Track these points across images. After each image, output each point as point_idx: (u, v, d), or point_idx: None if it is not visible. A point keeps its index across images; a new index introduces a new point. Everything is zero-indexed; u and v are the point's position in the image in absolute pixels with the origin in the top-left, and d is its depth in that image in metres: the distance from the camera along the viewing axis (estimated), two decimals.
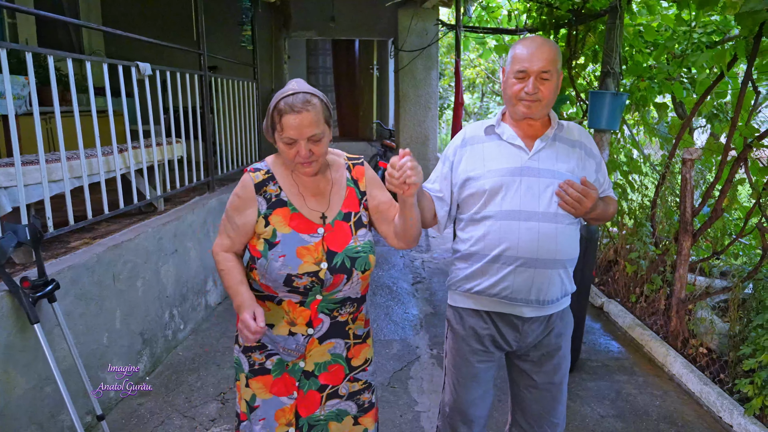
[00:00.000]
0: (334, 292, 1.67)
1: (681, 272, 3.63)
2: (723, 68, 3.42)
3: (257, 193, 1.67)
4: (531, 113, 1.81)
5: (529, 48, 1.78)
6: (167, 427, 2.83)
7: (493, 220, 1.79)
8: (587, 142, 1.92)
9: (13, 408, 2.25)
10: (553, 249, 1.77)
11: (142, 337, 3.22)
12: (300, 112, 1.53)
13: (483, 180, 1.82)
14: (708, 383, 3.17)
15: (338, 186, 1.74)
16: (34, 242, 2.35)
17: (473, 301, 1.90)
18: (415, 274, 5.30)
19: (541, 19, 5.18)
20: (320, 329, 1.71)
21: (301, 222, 1.66)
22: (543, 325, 1.89)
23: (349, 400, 1.83)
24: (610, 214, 1.98)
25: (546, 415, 1.98)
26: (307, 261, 1.61)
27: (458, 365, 1.97)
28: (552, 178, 1.78)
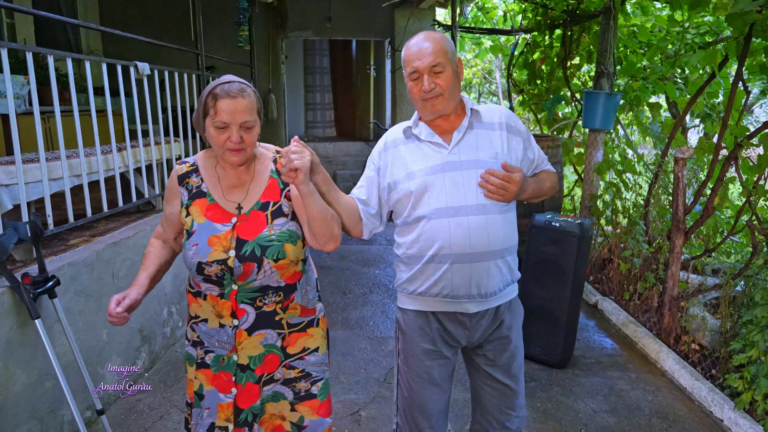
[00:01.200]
0: (249, 281, 1.68)
1: (673, 270, 3.68)
2: (714, 68, 3.47)
3: (180, 184, 1.74)
4: (437, 110, 1.79)
5: (413, 47, 1.78)
6: (166, 422, 2.86)
7: (424, 221, 1.79)
8: (510, 121, 1.90)
9: (13, 403, 2.28)
10: (485, 241, 1.77)
11: (140, 334, 3.26)
12: (235, 97, 1.58)
13: (407, 183, 1.81)
14: (699, 378, 3.22)
15: (259, 177, 1.76)
16: (34, 239, 2.38)
17: (418, 303, 1.89)
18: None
19: (536, 19, 5.24)
20: (245, 320, 1.73)
21: (216, 212, 1.70)
22: (490, 318, 1.89)
23: (285, 385, 1.84)
24: (548, 189, 1.96)
25: (505, 409, 1.98)
26: (216, 249, 1.64)
27: (411, 365, 1.95)
28: (475, 168, 1.78)
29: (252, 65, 5.76)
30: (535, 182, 1.89)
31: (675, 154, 3.55)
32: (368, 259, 5.66)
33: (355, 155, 8.33)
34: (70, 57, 2.81)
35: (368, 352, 3.69)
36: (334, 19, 7.04)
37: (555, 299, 3.49)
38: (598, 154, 4.91)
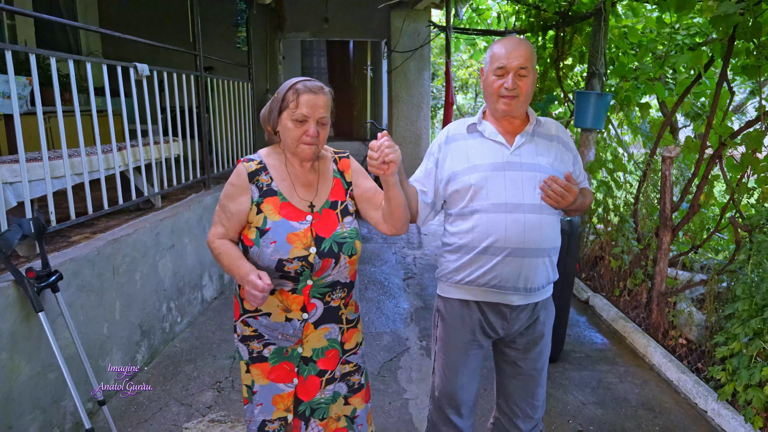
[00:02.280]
0: (324, 277, 1.78)
1: (661, 266, 3.77)
2: (700, 70, 3.56)
3: (250, 181, 1.78)
4: (510, 110, 1.91)
5: (507, 47, 1.89)
6: (165, 413, 2.94)
7: (481, 214, 1.89)
8: (564, 136, 2.04)
9: (18, 393, 2.36)
10: (538, 239, 1.88)
11: (140, 328, 3.33)
12: (317, 93, 1.69)
13: (468, 176, 1.92)
14: (685, 372, 3.31)
15: (325, 177, 1.86)
16: (37, 235, 2.46)
17: (463, 292, 2.00)
18: (406, 270, 5.42)
19: (529, 21, 5.32)
20: (314, 314, 1.82)
21: (290, 210, 1.76)
22: (529, 313, 2.00)
23: (341, 381, 1.95)
24: (587, 205, 2.08)
25: (529, 399, 2.10)
26: (296, 246, 1.72)
27: (448, 352, 2.07)
28: (534, 171, 1.89)
29: (250, 66, 5.84)
30: (582, 197, 1.99)
31: (662, 153, 3.63)
32: (364, 257, 5.74)
33: (353, 154, 8.41)
34: (71, 58, 2.88)
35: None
36: (331, 20, 7.12)
37: None
38: (590, 153, 4.99)
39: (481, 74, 2.06)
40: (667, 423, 2.98)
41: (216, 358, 3.55)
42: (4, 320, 2.27)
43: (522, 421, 2.13)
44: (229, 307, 4.40)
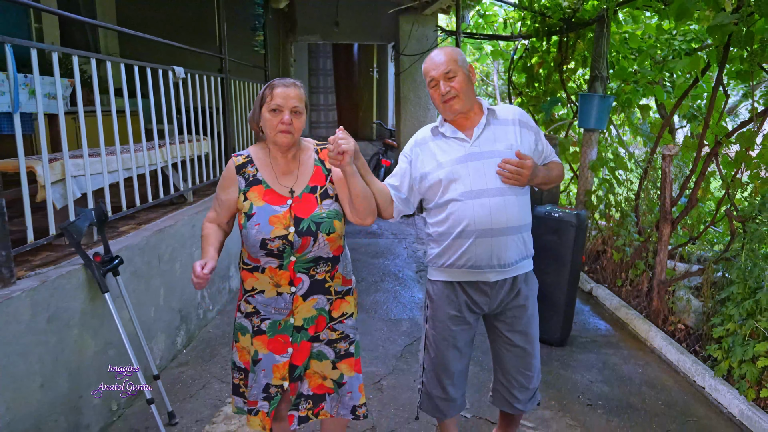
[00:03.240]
0: (305, 253, 2.02)
1: (661, 257, 4.05)
2: (697, 74, 3.84)
3: (237, 173, 2.05)
4: (456, 110, 2.15)
5: (430, 61, 2.16)
6: (208, 390, 3.19)
7: (453, 204, 2.13)
8: (523, 118, 2.26)
9: (86, 367, 2.61)
10: (504, 219, 2.11)
11: (180, 314, 3.58)
12: (288, 86, 1.98)
13: (437, 172, 2.16)
14: (684, 353, 3.58)
15: (305, 166, 2.10)
16: (99, 223, 2.72)
17: (446, 275, 2.24)
18: (418, 263, 5.69)
19: (535, 26, 5.59)
20: (302, 287, 2.06)
21: (273, 196, 2.02)
22: (508, 287, 2.23)
23: (328, 345, 2.17)
24: (555, 177, 2.32)
25: (523, 370, 2.33)
26: (277, 227, 1.97)
27: (438, 329, 2.31)
28: (493, 157, 2.12)
29: (266, 68, 6.09)
30: (545, 170, 2.24)
31: (662, 151, 3.91)
32: (377, 252, 6.00)
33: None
34: (123, 62, 3.13)
35: (384, 332, 4.03)
36: (341, 23, 7.38)
37: (554, 284, 3.83)
38: (593, 152, 5.27)
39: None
40: (669, 398, 3.25)
41: None
42: (75, 299, 2.52)
43: (518, 391, 2.36)
44: None
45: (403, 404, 3.10)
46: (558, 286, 3.83)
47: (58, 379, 2.40)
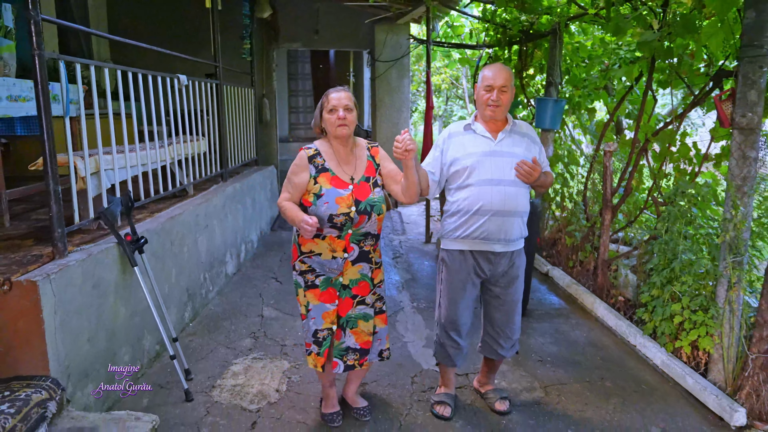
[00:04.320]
0: (360, 228, 2.61)
1: (604, 239, 4.69)
2: (632, 82, 4.49)
3: (309, 162, 2.62)
4: (495, 115, 2.77)
5: (494, 71, 2.75)
6: (216, 354, 3.71)
7: (473, 187, 2.73)
8: (532, 134, 2.91)
9: (119, 329, 3.10)
10: (514, 204, 2.73)
11: (187, 292, 4.08)
12: (339, 91, 2.58)
13: (465, 160, 2.76)
14: (621, 318, 4.22)
15: (361, 159, 2.69)
16: (127, 209, 3.22)
17: (460, 244, 2.84)
18: (394, 251, 6.26)
19: (497, 37, 6.20)
20: (353, 255, 2.66)
21: (338, 181, 2.60)
22: (508, 259, 2.85)
23: (371, 307, 2.79)
24: (549, 183, 2.95)
25: (509, 324, 2.97)
26: (342, 206, 2.55)
27: (451, 289, 2.91)
28: (511, 157, 2.74)
29: (252, 73, 6.59)
30: (544, 176, 2.86)
31: (604, 148, 4.55)
32: None
33: None
34: (141, 72, 3.62)
35: None
36: (321, 31, 7.91)
37: None
38: (549, 149, 5.90)
39: (474, 88, 2.91)
40: (607, 355, 3.87)
41: (247, 317, 4.33)
42: (111, 272, 3.02)
43: (503, 340, 2.99)
44: (245, 282, 5.16)
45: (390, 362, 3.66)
46: None
47: (100, 337, 2.90)
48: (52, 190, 2.62)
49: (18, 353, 2.48)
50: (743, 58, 3.08)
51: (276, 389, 3.29)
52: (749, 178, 3.12)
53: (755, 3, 3.00)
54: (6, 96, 3.53)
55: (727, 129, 3.28)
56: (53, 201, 2.63)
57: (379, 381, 3.44)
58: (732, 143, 3.17)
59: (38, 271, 2.52)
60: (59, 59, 2.79)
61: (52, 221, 2.66)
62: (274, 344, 3.87)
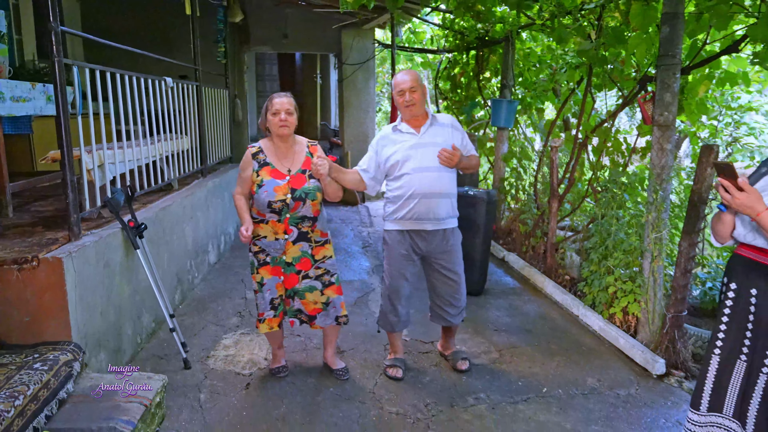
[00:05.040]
0: (297, 212, 3.07)
1: (552, 225, 5.26)
2: (574, 84, 5.07)
3: (253, 158, 3.08)
4: (413, 112, 3.25)
5: (400, 77, 3.26)
6: (207, 330, 4.10)
7: (405, 176, 3.22)
8: (454, 123, 3.39)
9: (125, 305, 3.48)
10: (439, 186, 3.22)
11: (177, 277, 4.46)
12: (282, 97, 3.05)
13: (396, 155, 3.24)
14: (566, 293, 4.79)
15: (299, 154, 3.15)
16: (128, 198, 3.59)
17: (398, 225, 3.31)
18: (363, 241, 6.73)
19: (456, 43, 6.75)
20: (292, 236, 3.12)
21: (276, 173, 3.06)
22: (440, 236, 3.32)
23: (316, 280, 3.23)
24: (474, 165, 3.46)
25: (454, 294, 3.45)
26: (279, 193, 3.01)
27: (392, 264, 3.38)
28: (433, 146, 3.20)
29: (227, 75, 6.94)
30: (467, 159, 3.36)
31: (550, 144, 5.13)
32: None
33: None
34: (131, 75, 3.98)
35: None
36: (291, 35, 8.30)
37: (471, 246, 4.94)
38: (504, 146, 6.48)
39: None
40: (554, 324, 4.43)
41: (232, 299, 4.73)
42: (117, 253, 3.39)
43: (449, 308, 3.47)
44: (227, 270, 5.55)
45: (358, 334, 4.13)
46: (475, 248, 4.96)
47: (110, 311, 3.27)
48: (69, 180, 2.99)
49: (43, 323, 2.84)
50: (660, 66, 3.65)
51: (264, 358, 3.71)
52: (666, 167, 3.70)
53: (668, 19, 3.58)
54: (9, 97, 3.86)
55: (649, 126, 3.87)
56: (70, 189, 3.00)
57: (357, 348, 3.90)
58: (653, 138, 3.75)
59: (61, 250, 2.89)
60: (73, 65, 3.14)
61: (69, 207, 3.02)
62: None
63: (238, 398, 3.23)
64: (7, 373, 2.56)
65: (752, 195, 2.00)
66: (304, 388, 3.35)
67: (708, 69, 3.99)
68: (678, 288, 3.59)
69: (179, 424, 2.96)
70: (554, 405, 3.24)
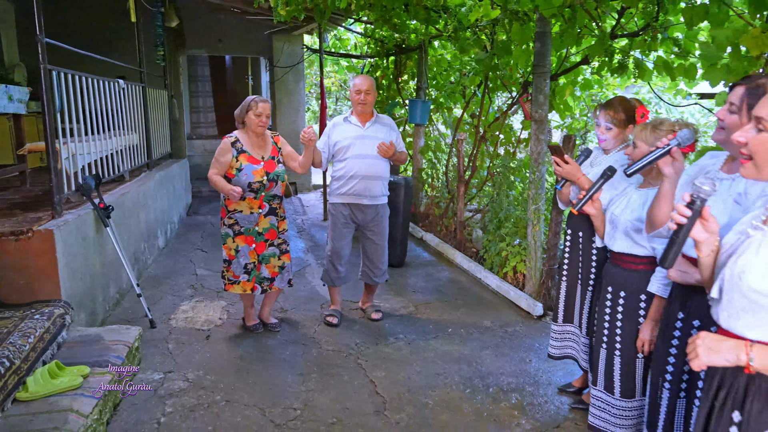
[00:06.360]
0: (270, 191, 3.82)
1: (460, 206, 6.22)
2: (475, 87, 6.04)
3: (231, 146, 3.77)
4: (364, 110, 4.08)
5: (360, 80, 4.09)
6: (165, 300, 4.73)
7: (349, 159, 4.04)
8: (391, 124, 4.26)
9: (96, 276, 4.06)
10: (375, 171, 4.06)
11: (134, 256, 5.03)
12: (266, 102, 3.75)
13: (343, 142, 4.05)
14: (472, 262, 5.74)
15: (268, 144, 3.89)
16: (97, 184, 4.18)
17: (341, 198, 4.13)
18: (298, 227, 7.46)
19: (377, 49, 7.60)
20: (265, 210, 3.85)
21: (252, 159, 3.77)
22: (374, 211, 4.17)
23: (277, 247, 3.98)
24: (404, 158, 4.33)
25: (381, 257, 4.30)
26: (257, 176, 3.74)
27: (335, 230, 4.19)
28: (374, 139, 4.05)
29: (166, 77, 7.47)
30: (399, 154, 4.20)
31: (457, 137, 6.07)
32: None
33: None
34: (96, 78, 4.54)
35: None
36: (224, 40, 8.88)
37: (394, 224, 5.78)
38: (421, 141, 7.40)
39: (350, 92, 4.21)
40: (461, 286, 5.36)
41: (183, 276, 5.35)
42: (91, 230, 3.98)
43: (376, 269, 4.31)
44: (175, 253, 6.13)
45: (299, 297, 4.89)
46: (396, 226, 5.81)
47: (87, 278, 3.87)
48: (53, 167, 3.57)
49: (37, 284, 3.42)
50: (535, 73, 4.64)
51: (219, 317, 4.40)
52: (541, 153, 4.70)
53: (539, 37, 4.56)
54: (7, 96, 4.37)
55: (528, 121, 4.86)
56: (54, 174, 3.59)
57: (297, 308, 4.66)
58: (531, 130, 4.74)
59: (50, 224, 3.48)
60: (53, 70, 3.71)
61: (52, 189, 3.61)
62: (211, 292, 4.95)
63: (201, 346, 3.92)
64: (14, 322, 3.14)
65: (573, 166, 2.94)
66: (256, 337, 4.08)
67: (573, 76, 5.04)
68: (550, 247, 4.60)
69: (154, 365, 3.62)
70: (457, 339, 4.14)
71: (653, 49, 3.88)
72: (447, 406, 3.22)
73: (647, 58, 4.15)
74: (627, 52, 4.15)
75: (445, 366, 3.70)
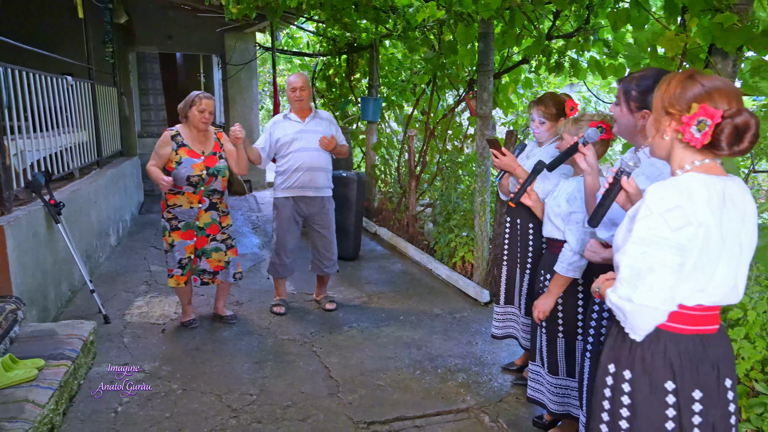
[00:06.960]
0: (210, 186, 3.88)
1: (411, 200, 6.42)
2: (424, 85, 6.25)
3: (171, 139, 3.82)
4: (301, 106, 4.22)
5: (295, 78, 4.23)
6: (120, 296, 4.74)
7: (292, 153, 4.17)
8: (331, 119, 4.42)
9: (48, 272, 4.06)
10: (318, 162, 4.20)
11: (86, 253, 5.01)
12: (210, 98, 3.82)
13: (285, 138, 4.18)
14: (423, 254, 5.94)
15: (210, 140, 3.95)
16: (47, 181, 4.16)
17: (286, 192, 4.25)
18: (253, 224, 7.52)
19: (329, 48, 7.72)
20: (205, 205, 3.92)
21: (193, 153, 3.83)
22: (319, 202, 4.31)
23: (221, 243, 4.06)
24: (345, 151, 4.44)
25: (329, 248, 4.44)
26: (195, 170, 3.80)
27: (280, 224, 4.30)
28: (315, 133, 4.19)
29: (114, 74, 7.38)
30: (340, 146, 4.33)
31: (408, 133, 6.27)
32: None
33: None
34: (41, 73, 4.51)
35: None
36: (175, 37, 8.81)
37: (346, 219, 5.95)
38: (374, 137, 7.57)
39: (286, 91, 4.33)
40: (413, 278, 5.55)
41: (137, 272, 5.35)
42: (41, 227, 3.98)
43: (325, 260, 4.45)
44: (128, 250, 6.11)
45: (254, 290, 4.98)
46: (349, 220, 5.97)
47: (38, 274, 3.86)
48: (1, 164, 3.56)
49: None
50: (479, 72, 4.87)
51: (174, 312, 4.44)
52: (486, 147, 4.93)
53: (483, 38, 4.79)
54: None
55: (474, 117, 5.09)
56: (2, 171, 3.58)
57: (253, 300, 4.76)
58: (477, 126, 4.97)
59: (0, 220, 3.47)
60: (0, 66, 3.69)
61: (1, 186, 3.59)
62: (165, 287, 4.97)
63: (156, 339, 3.97)
64: None
65: (509, 158, 3.16)
66: (211, 329, 4.16)
67: (515, 75, 5.30)
68: (496, 236, 4.84)
69: (110, 359, 3.66)
70: (408, 326, 4.33)
71: (586, 49, 4.16)
72: (398, 387, 3.40)
73: (582, 58, 4.44)
74: (563, 53, 4.42)
75: (397, 350, 3.88)
